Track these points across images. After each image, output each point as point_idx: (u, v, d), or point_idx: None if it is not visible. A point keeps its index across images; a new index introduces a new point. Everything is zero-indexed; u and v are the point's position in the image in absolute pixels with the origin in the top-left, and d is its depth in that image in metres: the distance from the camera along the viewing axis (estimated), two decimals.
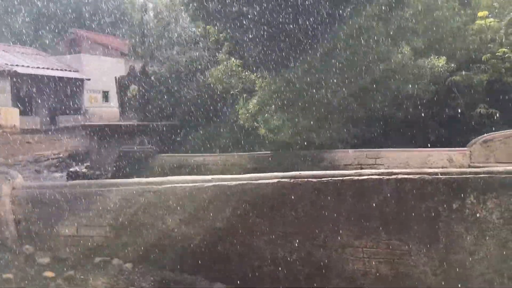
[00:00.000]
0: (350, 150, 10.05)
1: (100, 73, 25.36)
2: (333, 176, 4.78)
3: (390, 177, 4.56)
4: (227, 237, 4.98)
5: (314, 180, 4.79)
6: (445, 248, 4.41)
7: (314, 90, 10.25)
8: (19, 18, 29.63)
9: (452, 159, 9.20)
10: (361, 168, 9.02)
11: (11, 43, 27.21)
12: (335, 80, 10.20)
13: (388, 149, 9.80)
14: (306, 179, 4.82)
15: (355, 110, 10.63)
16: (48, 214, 5.45)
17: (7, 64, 21.61)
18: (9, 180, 5.65)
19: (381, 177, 4.59)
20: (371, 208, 4.55)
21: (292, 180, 4.86)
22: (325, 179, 4.76)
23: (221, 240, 5.00)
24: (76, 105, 25.78)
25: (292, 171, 5.13)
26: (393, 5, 10.66)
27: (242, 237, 4.93)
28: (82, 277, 4.99)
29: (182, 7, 14.49)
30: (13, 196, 5.58)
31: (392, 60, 10.51)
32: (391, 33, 10.62)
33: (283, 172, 5.09)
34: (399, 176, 4.55)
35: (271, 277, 4.85)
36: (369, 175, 4.64)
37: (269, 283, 4.86)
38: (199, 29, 13.83)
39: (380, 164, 9.54)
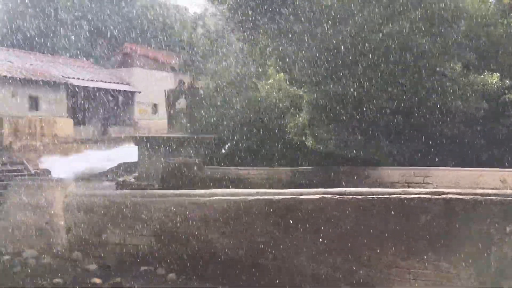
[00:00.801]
0: (397, 168, 9.82)
1: (150, 86, 26.08)
2: (379, 193, 4.69)
3: (439, 196, 4.42)
4: (269, 251, 4.96)
5: (360, 197, 4.71)
6: (498, 274, 4.21)
7: (361, 106, 10.12)
8: (76, 33, 31.05)
9: (506, 180, 8.80)
10: (408, 187, 8.77)
11: (68, 56, 28.51)
12: (382, 96, 10.04)
13: (437, 167, 9.49)
14: (351, 196, 4.75)
15: (403, 126, 10.39)
16: (97, 222, 5.62)
17: (64, 77, 22.64)
18: (62, 188, 5.89)
19: (429, 196, 4.45)
20: (418, 228, 4.42)
21: (336, 197, 4.80)
22: (371, 196, 4.67)
23: (263, 254, 4.99)
24: (126, 117, 26.60)
25: (337, 187, 5.07)
26: (445, 19, 10.40)
27: (284, 252, 4.90)
28: (128, 285, 5.11)
29: (231, 23, 14.76)
30: (65, 204, 5.80)
31: (442, 76, 10.23)
32: (441, 48, 10.36)
33: (328, 188, 5.04)
34: (449, 196, 4.40)
35: None
36: (417, 194, 4.52)
37: None
38: (247, 44, 14.01)
39: (429, 183, 9.25)
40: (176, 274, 5.26)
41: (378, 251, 4.56)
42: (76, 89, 23.33)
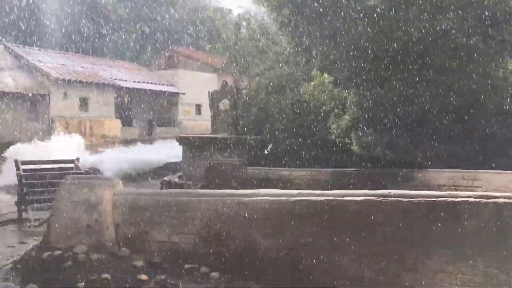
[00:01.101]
0: (444, 170, 9.56)
1: (194, 88, 26.57)
2: (426, 196, 4.59)
3: (489, 200, 4.27)
4: (311, 253, 4.95)
5: (405, 199, 4.63)
6: None
7: (408, 107, 9.92)
8: (124, 36, 31.98)
9: None
10: (456, 190, 8.51)
11: (116, 59, 29.43)
12: (430, 97, 9.81)
13: (487, 170, 9.17)
14: (395, 198, 4.67)
15: (451, 127, 10.11)
16: (144, 220, 5.78)
17: (112, 79, 23.40)
18: (111, 186, 6.09)
19: (479, 200, 4.31)
20: (466, 232, 4.29)
21: (380, 199, 4.73)
22: (417, 199, 4.58)
23: (305, 256, 4.98)
24: (171, 118, 27.19)
25: (381, 189, 5.00)
26: (497, 19, 10.04)
27: (327, 254, 4.88)
28: (173, 282, 5.22)
29: (275, 24, 14.80)
30: (113, 202, 5.99)
31: (493, 76, 9.88)
32: (493, 47, 10.01)
33: (372, 190, 4.97)
34: (500, 200, 4.25)
35: None
36: (465, 197, 4.39)
37: None
38: (291, 46, 14.01)
39: (478, 187, 8.95)
40: (219, 273, 5.32)
41: (423, 255, 4.46)
42: (124, 90, 24.05)
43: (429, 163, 9.77)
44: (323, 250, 4.89)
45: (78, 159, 10.82)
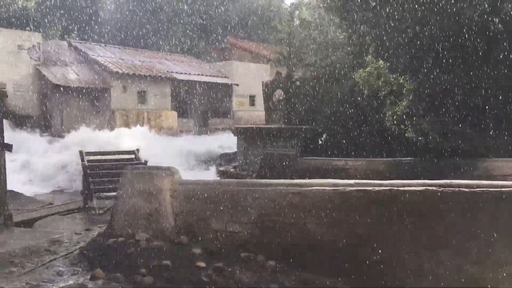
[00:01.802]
0: (509, 160, 9.11)
1: (247, 79, 26.75)
2: (489, 186, 4.41)
3: None
4: (369, 243, 4.90)
5: (467, 190, 4.47)
6: None
7: (469, 94, 9.51)
8: (179, 29, 32.62)
9: None
10: None
11: (171, 52, 30.11)
12: (493, 83, 9.35)
13: None
14: (456, 188, 4.52)
15: None
16: (201, 209, 5.92)
17: (168, 72, 23.99)
18: (170, 176, 6.28)
19: None
20: None
21: (441, 189, 4.59)
22: (480, 189, 4.41)
23: (362, 246, 4.93)
24: (225, 109, 27.54)
25: (440, 179, 4.85)
26: None
27: (385, 245, 4.81)
28: (229, 269, 5.33)
29: (328, 12, 14.59)
30: (172, 191, 6.17)
31: None
32: None
33: (431, 180, 4.84)
34: None
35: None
36: None
37: None
38: (345, 33, 13.77)
39: None
40: (275, 262, 5.38)
41: (487, 247, 4.30)
42: (179, 83, 24.59)
43: (490, 153, 9.35)
44: (381, 241, 4.82)
45: (138, 150, 11.22)
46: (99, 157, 11.15)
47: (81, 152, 10.74)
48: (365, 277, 4.90)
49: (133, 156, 10.98)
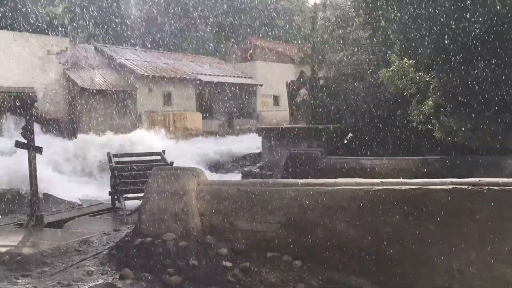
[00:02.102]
0: None
1: (271, 79, 26.75)
2: None
3: None
4: (396, 243, 4.85)
5: (497, 188, 4.38)
6: None
7: (498, 90, 9.28)
8: (203, 30, 32.88)
9: None
10: None
11: (196, 54, 30.36)
12: None
13: None
14: (486, 187, 4.43)
15: None
16: (227, 209, 5.96)
17: (193, 73, 24.20)
18: (196, 176, 6.34)
19: None
20: None
21: (470, 187, 4.51)
22: (510, 187, 4.32)
23: (390, 246, 4.88)
24: (249, 109, 27.60)
25: (469, 178, 4.77)
26: None
27: (412, 244, 4.75)
28: (256, 269, 5.36)
29: (351, 11, 14.48)
30: (198, 191, 6.23)
31: None
32: None
33: (459, 178, 4.76)
34: None
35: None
36: None
37: None
38: (368, 32, 13.65)
39: None
40: (302, 261, 5.38)
41: None
42: (204, 84, 24.75)
43: None
44: (408, 240, 4.76)
45: (164, 151, 11.34)
46: (126, 158, 11.33)
47: (108, 154, 10.93)
48: (393, 277, 4.85)
49: (159, 157, 11.11)
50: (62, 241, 7.22)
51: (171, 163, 10.60)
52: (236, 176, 14.67)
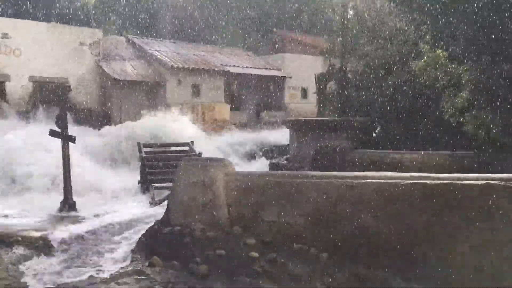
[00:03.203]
0: None
1: (299, 71, 26.58)
2: None
3: None
4: (426, 238, 4.79)
5: None
6: None
7: None
8: (230, 22, 32.91)
9: None
10: None
11: (224, 46, 30.43)
12: None
13: None
14: None
15: None
16: (254, 200, 6.00)
17: (222, 65, 24.28)
18: (223, 167, 6.39)
19: None
20: None
21: (503, 183, 4.41)
22: None
23: (419, 242, 4.82)
24: (277, 101, 27.52)
25: (502, 173, 4.66)
26: None
27: (443, 240, 4.68)
28: (282, 260, 5.38)
29: (383, 2, 14.23)
30: (226, 182, 6.28)
31: None
32: None
33: (491, 174, 4.65)
34: None
35: (475, 285, 4.49)
36: None
37: None
38: (400, 23, 13.39)
39: None
40: (328, 254, 5.37)
41: None
42: (232, 76, 24.82)
43: None
44: (438, 236, 4.70)
45: (192, 142, 11.46)
46: (156, 148, 11.50)
47: (139, 144, 11.12)
48: (421, 274, 4.79)
49: (187, 148, 11.23)
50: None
51: (200, 153, 10.71)
52: (263, 168, 14.68)
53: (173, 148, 11.49)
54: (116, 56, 21.70)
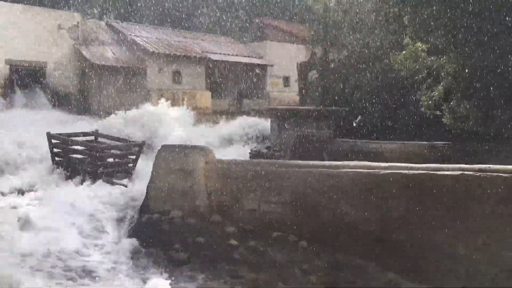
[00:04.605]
0: None
1: (282, 59, 26.51)
2: None
3: None
4: (403, 227, 4.87)
5: (505, 175, 4.36)
6: None
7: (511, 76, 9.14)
8: (212, 9, 32.60)
9: None
10: None
11: (207, 33, 30.16)
12: None
13: None
14: (495, 173, 4.42)
15: None
16: (234, 188, 6.00)
17: (203, 52, 24.06)
18: (204, 155, 6.36)
19: None
20: None
21: (478, 173, 4.50)
22: None
23: (396, 230, 4.91)
24: (259, 90, 27.45)
25: (478, 164, 4.75)
26: None
27: (419, 229, 4.77)
28: (262, 248, 5.42)
29: None
30: (206, 170, 6.26)
31: None
32: None
33: (468, 164, 4.74)
34: None
35: (450, 273, 4.60)
36: None
37: (447, 280, 4.61)
38: (381, 14, 13.43)
39: None
40: (307, 242, 5.42)
41: None
42: (214, 63, 24.62)
43: None
44: (415, 224, 4.78)
45: (97, 130, 11.15)
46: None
47: (47, 134, 10.39)
48: (398, 260, 4.88)
49: (92, 137, 10.85)
50: None
51: (143, 142, 10.23)
52: (244, 156, 14.66)
53: (79, 138, 11.01)
54: (95, 41, 21.28)
